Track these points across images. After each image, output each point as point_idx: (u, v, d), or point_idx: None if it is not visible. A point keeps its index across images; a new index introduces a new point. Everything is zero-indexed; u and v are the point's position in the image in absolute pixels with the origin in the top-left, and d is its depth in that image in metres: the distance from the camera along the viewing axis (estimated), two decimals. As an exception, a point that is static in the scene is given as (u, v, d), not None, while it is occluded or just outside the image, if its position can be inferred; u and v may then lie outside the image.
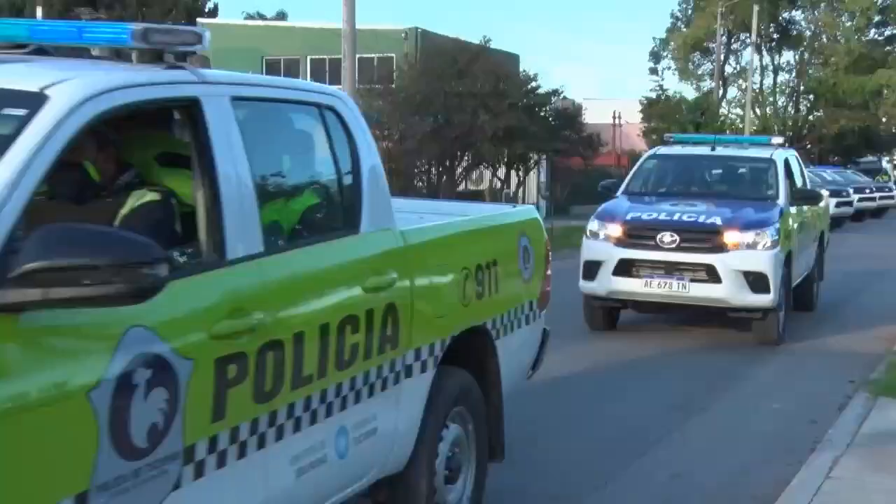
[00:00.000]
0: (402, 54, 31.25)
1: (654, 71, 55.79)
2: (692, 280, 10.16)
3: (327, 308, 3.78)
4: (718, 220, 10.40)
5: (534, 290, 5.59)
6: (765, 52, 55.42)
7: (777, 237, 10.31)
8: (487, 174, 27.88)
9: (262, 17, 55.06)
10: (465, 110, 24.62)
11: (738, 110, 52.79)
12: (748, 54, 51.44)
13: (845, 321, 12.62)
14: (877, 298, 14.75)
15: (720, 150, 12.65)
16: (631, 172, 12.75)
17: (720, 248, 10.20)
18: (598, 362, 9.58)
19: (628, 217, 10.72)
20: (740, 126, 47.94)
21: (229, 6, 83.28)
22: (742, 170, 12.76)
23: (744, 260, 10.11)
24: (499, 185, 27.27)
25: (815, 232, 13.30)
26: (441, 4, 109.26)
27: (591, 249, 10.75)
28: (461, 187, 27.52)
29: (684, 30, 55.30)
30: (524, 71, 30.13)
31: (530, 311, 5.53)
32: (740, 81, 54.94)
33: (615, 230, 10.57)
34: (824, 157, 55.57)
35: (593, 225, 10.87)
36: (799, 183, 12.65)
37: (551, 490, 5.88)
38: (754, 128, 49.07)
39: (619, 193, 11.95)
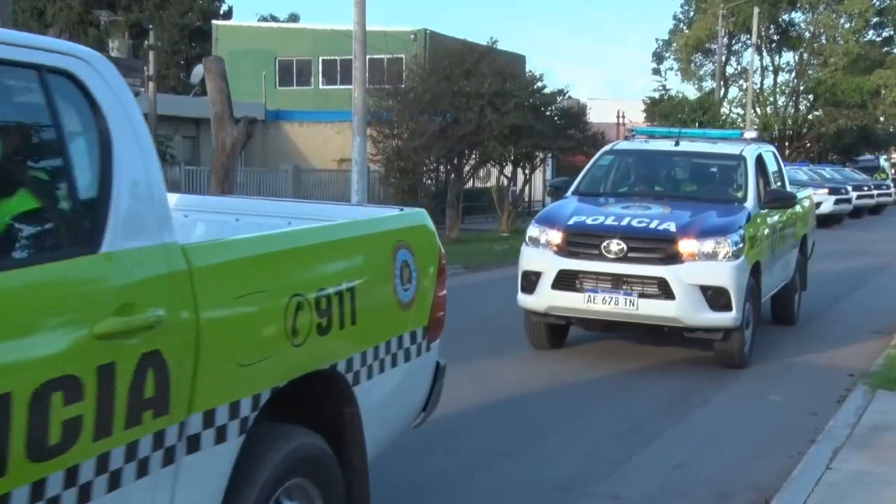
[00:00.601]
0: (411, 55, 31.22)
1: (657, 71, 55.92)
2: (641, 295, 8.60)
3: (16, 367, 2.49)
4: (672, 227, 8.81)
5: (419, 317, 4.42)
6: (765, 53, 55.33)
7: (741, 245, 8.80)
8: (495, 172, 27.85)
9: (274, 19, 55.12)
10: (473, 109, 24.59)
11: (740, 110, 52.64)
12: (749, 55, 51.32)
13: (844, 315, 12.58)
14: (876, 293, 14.71)
15: (684, 146, 10.90)
16: (584, 170, 10.96)
17: (674, 258, 8.64)
18: (610, 362, 9.56)
19: (570, 222, 9.10)
20: (741, 125, 47.84)
21: (243, 8, 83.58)
22: (708, 167, 11.07)
23: (701, 272, 8.60)
24: (506, 182, 27.22)
25: (794, 237, 11.62)
26: (449, 7, 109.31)
27: (529, 258, 9.23)
28: (469, 185, 27.49)
29: (686, 31, 55.20)
30: (530, 71, 30.07)
31: (413, 344, 4.37)
32: (741, 81, 54.83)
33: (555, 237, 8.99)
34: (823, 155, 55.51)
35: (533, 230, 9.31)
36: (775, 183, 11.05)
37: (557, 481, 5.87)
38: (755, 126, 48.98)
39: (568, 193, 10.32)
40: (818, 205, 29.53)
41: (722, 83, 51.29)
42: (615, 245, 8.70)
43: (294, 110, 34.19)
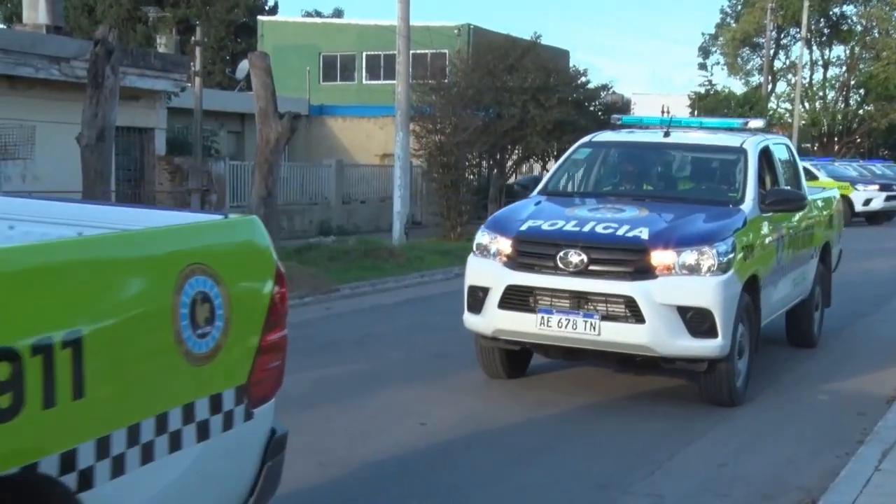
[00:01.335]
0: (454, 50, 31.21)
1: (703, 66, 55.48)
2: (605, 318, 7.02)
3: None
4: (644, 234, 7.19)
5: (230, 373, 3.23)
6: (815, 47, 54.57)
7: (730, 257, 7.19)
8: (537, 167, 27.74)
9: (319, 14, 55.33)
10: (516, 104, 24.53)
11: (788, 105, 52.04)
12: (798, 49, 50.67)
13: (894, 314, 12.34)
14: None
15: (675, 137, 9.03)
16: (555, 165, 9.44)
17: (645, 272, 7.05)
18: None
19: (523, 228, 7.54)
20: (789, 120, 47.27)
21: (288, 4, 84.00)
22: (701, 162, 9.39)
23: (678, 290, 7.02)
24: (549, 177, 27.18)
25: (811, 245, 9.79)
26: (493, 2, 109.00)
27: (475, 271, 7.69)
28: (511, 180, 27.43)
29: (733, 25, 54.67)
30: (574, 66, 29.95)
31: (217, 414, 3.17)
32: (790, 76, 54.16)
33: (505, 245, 7.48)
34: (874, 151, 54.63)
35: (482, 237, 7.73)
36: (787, 181, 9.33)
37: (598, 479, 5.80)
38: (803, 122, 48.36)
39: (535, 192, 8.72)
40: (868, 201, 29.41)
41: (769, 78, 50.76)
42: (574, 256, 7.13)
43: (337, 105, 34.29)
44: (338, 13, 57.22)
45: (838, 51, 56.01)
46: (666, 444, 6.50)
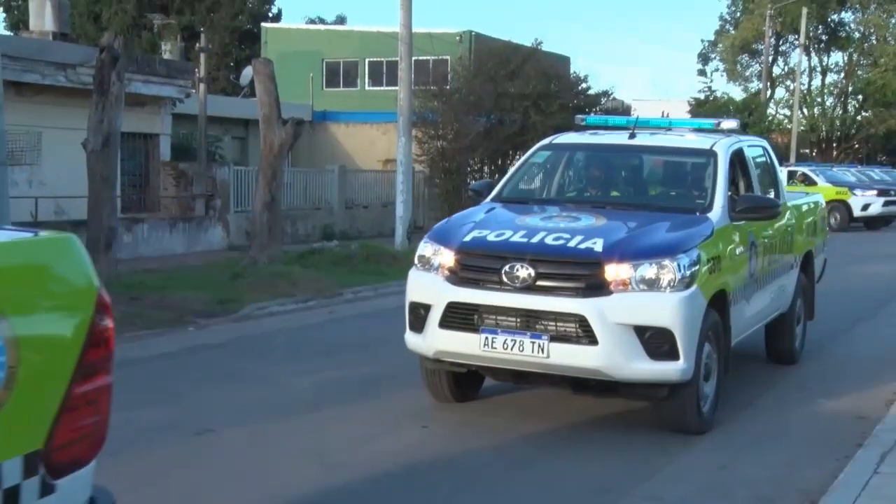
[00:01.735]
0: (456, 57, 31.22)
1: (702, 72, 55.49)
2: (554, 338, 6.27)
3: None
4: (598, 245, 6.43)
5: (22, 436, 2.54)
6: (813, 54, 54.54)
7: (694, 270, 6.43)
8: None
9: (322, 21, 55.35)
10: (517, 110, 24.59)
11: (786, 110, 52.05)
12: (796, 56, 50.66)
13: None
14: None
15: (640, 139, 8.22)
16: (512, 169, 8.54)
17: (598, 288, 6.29)
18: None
19: (467, 238, 6.78)
20: (788, 126, 47.26)
21: (292, 11, 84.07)
22: (667, 166, 8.67)
23: (635, 307, 6.28)
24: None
25: (792, 255, 9.01)
26: (494, 8, 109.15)
27: (416, 286, 6.93)
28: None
29: (732, 32, 54.64)
30: (575, 72, 29.99)
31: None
32: (788, 82, 54.13)
33: (448, 258, 6.72)
34: (872, 156, 54.62)
35: (424, 248, 6.99)
36: (761, 185, 8.51)
37: (599, 483, 5.79)
38: (801, 128, 48.35)
39: (488, 199, 7.89)
40: (866, 206, 29.40)
41: (768, 84, 50.69)
42: (521, 270, 6.38)
43: (340, 111, 34.32)
44: (341, 20, 57.28)
45: (836, 57, 56.05)
46: (665, 448, 6.48)
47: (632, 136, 8.23)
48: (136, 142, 20.79)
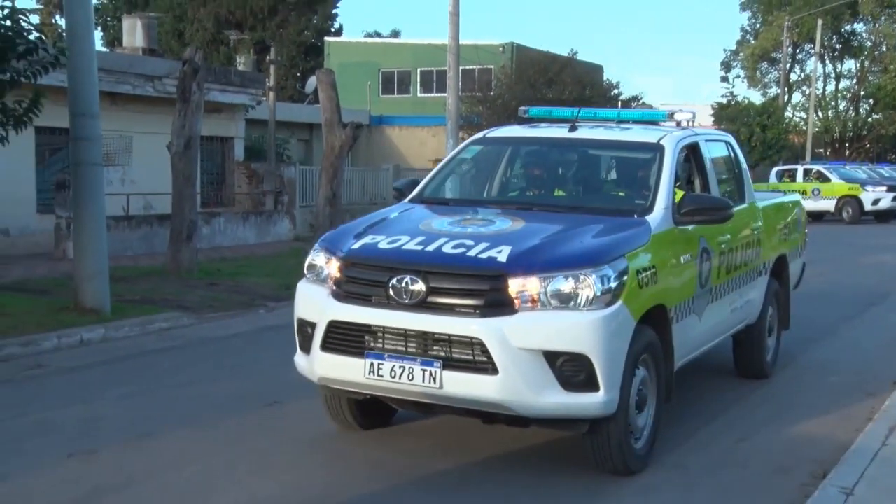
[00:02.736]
0: (499, 66, 31.13)
1: (724, 79, 54.96)
2: (447, 366, 4.86)
3: None
4: (503, 255, 4.96)
5: None
6: (828, 61, 53.66)
7: (617, 283, 4.94)
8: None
9: (379, 35, 55.43)
10: (555, 114, 24.50)
11: (802, 114, 51.18)
12: (812, 63, 49.87)
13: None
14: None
15: (581, 132, 6.64)
16: (438, 165, 6.97)
17: (501, 306, 4.85)
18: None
19: (356, 245, 5.35)
20: (804, 128, 46.50)
21: (352, 26, 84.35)
22: (608, 162, 6.98)
23: (545, 329, 4.82)
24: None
25: (760, 261, 7.39)
26: (534, 21, 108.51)
27: (303, 300, 5.55)
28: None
29: (753, 42, 53.96)
30: (608, 79, 29.71)
31: None
32: (804, 88, 53.29)
33: (334, 268, 5.33)
34: (882, 155, 53.64)
35: (315, 256, 5.57)
36: (717, 185, 6.77)
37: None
38: (816, 129, 47.56)
39: (407, 199, 6.49)
40: (876, 201, 28.88)
41: (786, 89, 49.96)
42: (411, 284, 4.94)
43: (395, 116, 34.43)
44: (395, 34, 57.27)
45: (849, 64, 55.07)
46: (688, 421, 6.41)
47: (572, 128, 6.64)
48: (214, 144, 21.02)
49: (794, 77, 54.20)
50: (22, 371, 7.76)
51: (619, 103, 27.39)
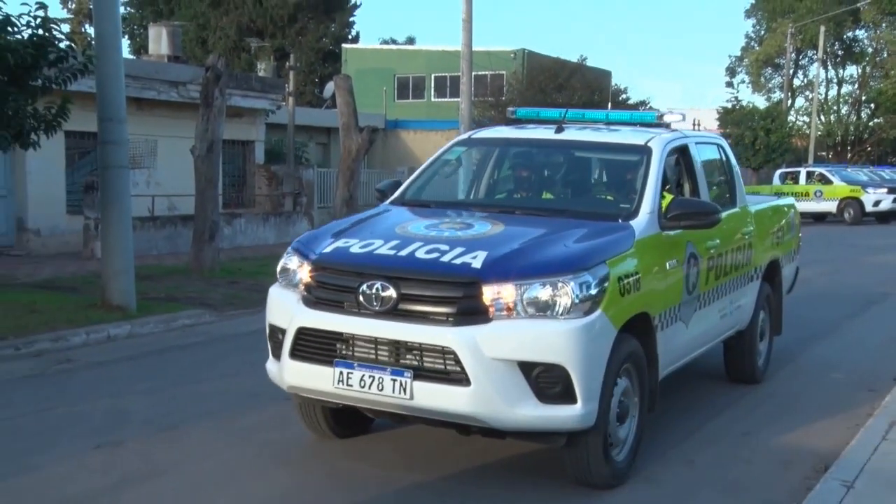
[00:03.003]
0: (511, 72, 31.10)
1: (729, 84, 54.80)
2: (418, 376, 4.52)
3: None
4: (478, 260, 4.61)
5: None
6: (830, 67, 53.34)
7: (597, 291, 4.59)
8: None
9: (394, 41, 55.49)
10: (565, 119, 24.45)
11: (805, 118, 50.90)
12: (815, 69, 49.53)
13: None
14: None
15: (568, 134, 6.24)
16: (421, 167, 6.49)
17: (474, 314, 4.50)
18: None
19: (328, 249, 5.00)
20: (807, 132, 46.26)
21: (368, 33, 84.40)
22: (594, 165, 6.54)
23: (520, 339, 4.47)
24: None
25: (751, 266, 6.99)
26: (545, 28, 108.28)
27: (274, 305, 5.17)
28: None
29: (757, 48, 53.73)
30: (615, 85, 29.64)
31: None
32: (807, 93, 53.01)
33: (305, 272, 4.97)
34: (883, 158, 53.33)
35: (287, 259, 5.19)
36: (707, 189, 6.38)
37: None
38: (819, 133, 47.30)
39: (388, 201, 6.13)
40: (877, 203, 28.71)
41: (789, 94, 49.76)
42: (381, 290, 4.60)
43: (410, 120, 34.44)
44: (410, 41, 57.32)
45: (851, 70, 54.76)
46: (694, 417, 6.40)
47: (559, 130, 6.25)
48: (235, 147, 21.07)
49: (797, 82, 53.98)
50: (52, 365, 7.81)
51: (627, 108, 27.34)
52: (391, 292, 4.59)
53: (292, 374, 4.88)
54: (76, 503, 4.64)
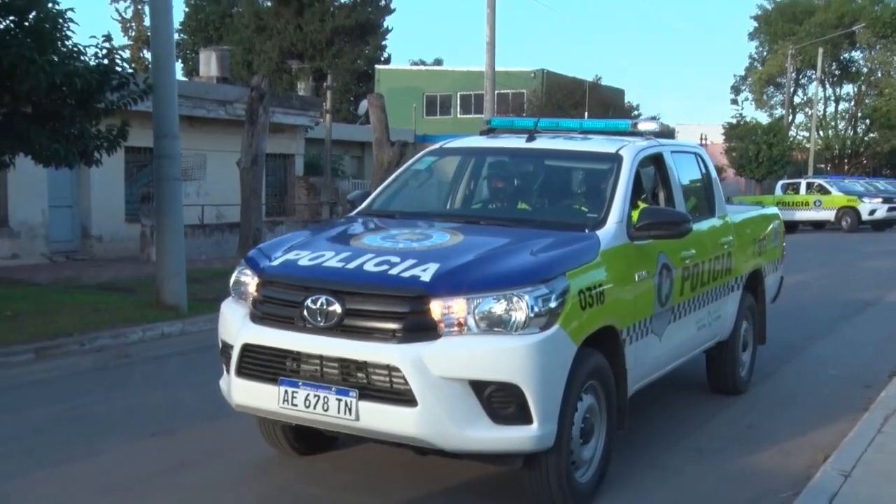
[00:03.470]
0: (531, 90, 31.07)
1: (734, 101, 54.46)
2: (364, 396, 3.97)
3: None
4: (428, 273, 4.04)
5: None
6: (828, 86, 52.80)
7: (556, 304, 4.03)
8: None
9: (423, 63, 55.59)
10: (580, 134, 24.39)
11: (805, 133, 50.44)
12: (814, 88, 49.12)
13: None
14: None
15: (540, 143, 5.68)
16: (391, 177, 5.97)
17: (422, 330, 3.96)
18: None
19: (276, 262, 4.46)
20: (807, 146, 45.81)
21: (399, 55, 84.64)
22: (564, 173, 5.83)
23: (470, 357, 3.91)
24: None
25: (731, 276, 6.37)
26: (562, 49, 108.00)
27: (223, 320, 4.62)
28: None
29: (760, 68, 53.33)
30: (628, 102, 29.50)
31: None
32: (807, 109, 52.48)
33: (253, 287, 4.45)
34: (878, 170, 52.74)
35: (239, 273, 4.65)
36: (681, 197, 5.77)
37: (648, 440, 5.71)
38: (818, 147, 46.82)
39: (354, 212, 5.59)
40: (873, 211, 28.40)
41: (790, 111, 49.31)
42: (326, 305, 4.05)
43: (437, 135, 34.41)
44: (438, 62, 57.39)
45: (847, 88, 54.18)
46: (702, 411, 6.36)
47: (530, 139, 5.70)
48: (277, 160, 21.23)
49: (797, 100, 53.47)
50: (112, 360, 7.91)
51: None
52: (336, 307, 4.02)
53: (238, 392, 4.32)
54: (138, 484, 4.71)
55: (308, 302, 4.08)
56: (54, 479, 4.78)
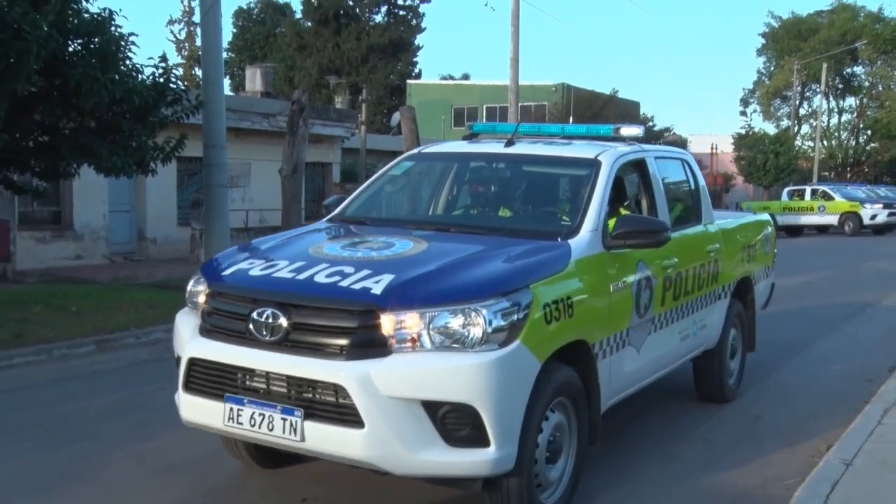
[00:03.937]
0: (552, 103, 30.98)
1: (743, 113, 54.66)
2: (309, 415, 3.48)
3: None
4: (380, 286, 3.51)
5: None
6: (831, 98, 52.14)
7: (516, 319, 3.50)
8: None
9: (451, 77, 55.61)
10: (598, 144, 24.32)
11: (810, 143, 49.86)
12: (818, 100, 48.47)
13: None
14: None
15: (519, 147, 5.15)
16: (367, 182, 5.42)
17: (371, 346, 3.44)
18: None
19: (227, 272, 3.96)
20: (811, 155, 45.26)
21: (430, 70, 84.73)
22: (541, 180, 5.21)
23: (422, 375, 3.39)
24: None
25: (718, 284, 5.79)
26: (582, 64, 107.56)
27: (176, 332, 4.11)
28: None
29: (767, 82, 52.82)
30: (644, 114, 29.32)
31: None
32: (812, 121, 51.91)
33: (202, 297, 3.98)
34: (879, 178, 52.00)
35: (196, 284, 4.11)
36: (664, 204, 5.15)
37: (660, 430, 5.68)
38: (822, 156, 46.21)
39: (326, 218, 5.07)
40: (874, 216, 28.02)
41: (796, 122, 48.74)
42: (272, 318, 3.59)
43: (464, 146, 34.52)
44: (466, 76, 57.38)
45: (850, 101, 53.48)
46: (710, 404, 6.27)
47: (508, 143, 5.17)
48: (316, 169, 21.36)
49: (802, 111, 52.86)
50: (165, 352, 7.99)
51: (653, 135, 27.03)
52: (282, 321, 3.55)
53: (186, 408, 3.88)
54: (186, 465, 4.77)
55: (254, 315, 3.61)
56: (115, 462, 4.85)
